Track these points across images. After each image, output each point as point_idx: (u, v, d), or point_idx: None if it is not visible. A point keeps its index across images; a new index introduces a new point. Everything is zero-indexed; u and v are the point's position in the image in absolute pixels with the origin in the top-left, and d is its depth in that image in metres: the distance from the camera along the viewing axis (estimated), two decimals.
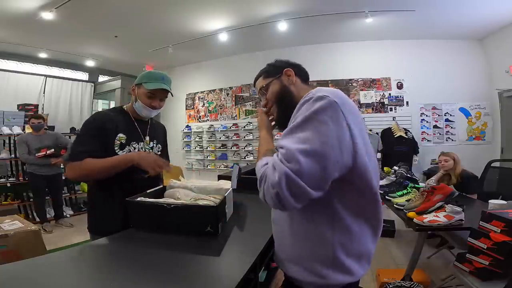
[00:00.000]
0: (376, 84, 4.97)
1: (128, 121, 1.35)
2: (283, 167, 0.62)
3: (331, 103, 0.67)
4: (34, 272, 0.80)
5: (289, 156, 0.63)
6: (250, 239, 1.09)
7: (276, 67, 0.96)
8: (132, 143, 1.32)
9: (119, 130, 1.28)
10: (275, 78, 0.94)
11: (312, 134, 0.65)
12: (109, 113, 1.33)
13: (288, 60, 0.99)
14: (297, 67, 0.96)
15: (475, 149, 4.50)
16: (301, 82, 0.94)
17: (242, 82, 5.74)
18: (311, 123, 0.66)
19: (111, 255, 0.94)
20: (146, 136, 1.40)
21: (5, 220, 1.85)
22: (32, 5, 3.44)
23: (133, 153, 1.29)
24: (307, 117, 0.67)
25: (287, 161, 0.63)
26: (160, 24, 4.19)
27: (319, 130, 0.65)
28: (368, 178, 0.73)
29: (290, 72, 0.92)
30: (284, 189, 0.62)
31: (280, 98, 0.93)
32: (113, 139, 1.26)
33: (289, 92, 0.91)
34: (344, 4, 3.67)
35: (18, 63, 5.16)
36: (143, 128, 1.40)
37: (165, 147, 1.55)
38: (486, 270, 1.39)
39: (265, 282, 1.10)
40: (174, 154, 6.51)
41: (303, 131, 0.66)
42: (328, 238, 0.74)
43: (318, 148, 0.63)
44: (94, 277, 0.77)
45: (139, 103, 1.32)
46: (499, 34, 4.19)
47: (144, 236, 1.10)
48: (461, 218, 1.68)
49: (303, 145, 0.64)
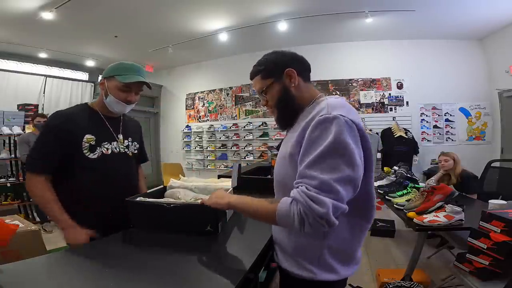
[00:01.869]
0: (376, 84, 4.97)
1: (96, 119, 1.21)
2: (327, 200, 0.65)
3: (348, 123, 0.70)
4: (34, 272, 0.80)
5: (327, 187, 0.66)
6: (250, 239, 1.09)
7: (276, 66, 0.86)
8: (103, 144, 1.19)
9: (86, 131, 1.15)
10: (275, 80, 0.86)
11: (340, 160, 0.67)
12: (72, 112, 1.18)
13: (288, 53, 0.89)
14: (299, 64, 0.88)
15: (475, 149, 4.50)
16: (304, 81, 0.87)
17: (242, 82, 5.74)
18: (335, 149, 0.68)
19: (111, 255, 0.94)
20: (119, 135, 1.27)
21: (5, 220, 1.84)
22: (32, 5, 3.43)
23: (66, 230, 1.12)
24: (331, 143, 0.68)
25: (327, 192, 0.66)
26: (160, 24, 4.18)
27: (345, 154, 0.68)
28: (370, 186, 0.81)
29: (292, 73, 0.84)
30: (333, 217, 0.66)
31: (282, 103, 0.87)
32: (79, 141, 1.13)
33: (291, 95, 0.86)
34: (344, 4, 3.67)
35: (18, 63, 5.15)
36: (115, 126, 1.27)
37: (141, 144, 1.44)
38: (486, 270, 1.38)
39: (265, 282, 1.10)
40: (174, 154, 6.52)
41: (331, 159, 0.68)
42: (319, 240, 0.79)
43: (350, 173, 0.68)
44: (94, 277, 0.77)
45: (111, 98, 1.18)
46: (499, 34, 4.19)
47: (144, 236, 1.10)
48: (461, 218, 1.67)
49: (336, 174, 0.67)
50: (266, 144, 5.44)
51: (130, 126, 1.36)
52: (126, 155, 1.28)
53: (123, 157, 1.26)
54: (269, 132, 5.47)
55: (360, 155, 0.71)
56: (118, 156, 1.24)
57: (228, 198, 0.88)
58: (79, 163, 1.13)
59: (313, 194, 0.66)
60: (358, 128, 0.72)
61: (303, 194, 0.67)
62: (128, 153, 1.29)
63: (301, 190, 0.68)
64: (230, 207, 0.88)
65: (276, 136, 5.35)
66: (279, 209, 0.71)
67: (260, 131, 5.54)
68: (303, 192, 0.67)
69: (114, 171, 1.21)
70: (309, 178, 0.68)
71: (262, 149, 5.44)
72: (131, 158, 1.32)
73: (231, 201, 0.87)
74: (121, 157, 1.25)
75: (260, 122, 5.53)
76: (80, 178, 1.15)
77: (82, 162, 1.13)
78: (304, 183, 0.69)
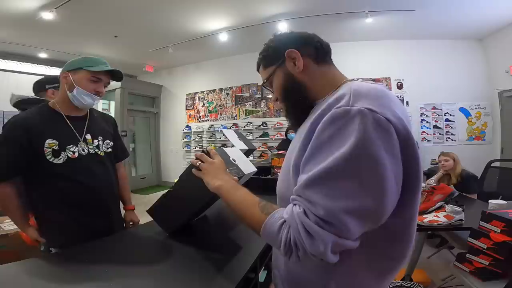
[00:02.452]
0: None
1: (58, 121, 1.12)
2: (327, 236, 0.46)
3: (380, 123, 0.46)
4: (33, 272, 0.80)
5: (331, 218, 0.46)
6: (250, 239, 1.09)
7: (276, 50, 0.69)
8: (68, 147, 1.10)
9: (47, 135, 1.06)
10: (277, 65, 0.69)
11: (358, 182, 0.45)
12: (28, 117, 1.08)
13: (292, 32, 0.72)
14: (304, 43, 0.68)
15: (475, 149, 4.50)
16: (315, 63, 0.67)
17: (242, 82, 5.74)
18: (354, 164, 0.45)
19: (111, 255, 0.94)
20: (86, 135, 1.17)
21: (5, 220, 1.85)
22: (32, 5, 3.44)
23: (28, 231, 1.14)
24: (348, 154, 0.45)
25: (329, 225, 0.46)
26: (160, 24, 4.18)
27: (369, 174, 0.45)
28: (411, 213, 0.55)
29: (295, 55, 0.66)
30: (331, 256, 0.48)
31: (286, 93, 0.69)
32: (40, 148, 1.05)
33: (296, 83, 0.66)
34: (344, 4, 3.67)
35: (18, 63, 5.15)
36: (80, 125, 1.17)
37: (117, 140, 1.34)
38: (486, 270, 1.38)
39: (265, 282, 1.10)
40: (174, 154, 6.52)
41: (345, 179, 0.46)
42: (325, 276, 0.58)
43: (371, 204, 0.46)
44: (95, 277, 0.77)
45: (79, 91, 1.10)
46: (499, 34, 4.19)
47: (144, 237, 1.10)
48: (461, 218, 1.67)
49: (348, 203, 0.45)
50: (266, 144, 5.44)
51: (99, 123, 1.27)
52: (97, 155, 1.20)
53: (93, 158, 1.18)
54: (269, 132, 5.47)
55: (396, 173, 0.47)
56: (87, 158, 1.15)
57: (221, 181, 0.70)
58: (45, 170, 1.07)
59: (311, 224, 0.47)
60: (397, 131, 0.47)
61: (298, 220, 0.49)
62: (100, 153, 1.21)
63: (297, 214, 0.50)
64: (218, 192, 0.70)
65: (276, 136, 5.35)
66: (266, 225, 0.55)
67: (260, 131, 5.54)
68: (298, 217, 0.49)
69: (84, 175, 1.12)
70: (309, 201, 0.49)
71: (262, 149, 5.44)
72: (105, 157, 1.23)
73: (221, 187, 0.69)
74: (91, 158, 1.17)
75: (260, 122, 5.53)
76: (49, 184, 1.09)
77: (48, 168, 1.07)
78: (302, 205, 0.50)
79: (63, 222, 1.11)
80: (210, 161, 0.77)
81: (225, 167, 0.78)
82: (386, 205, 0.47)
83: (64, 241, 1.08)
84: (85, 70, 1.11)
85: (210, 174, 0.74)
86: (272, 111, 5.54)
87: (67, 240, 1.06)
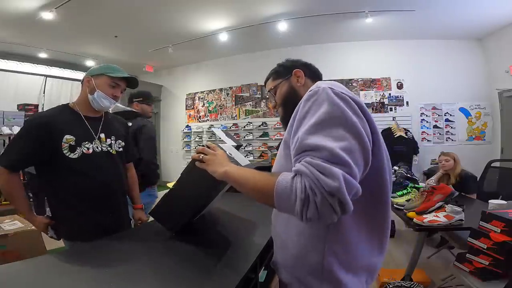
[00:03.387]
0: (376, 84, 4.97)
1: (76, 119, 1.23)
2: (338, 171, 0.52)
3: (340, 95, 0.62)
4: (34, 272, 0.80)
5: (335, 158, 0.53)
6: (250, 239, 1.09)
7: (286, 68, 0.93)
8: (83, 144, 1.20)
9: (65, 131, 1.16)
10: (284, 79, 0.92)
11: (342, 128, 0.57)
12: (51, 114, 1.21)
13: (299, 59, 0.96)
14: (307, 67, 0.94)
15: (475, 149, 4.50)
16: (311, 82, 0.88)
17: (242, 82, 5.74)
18: (333, 117, 0.58)
19: (111, 255, 0.94)
20: (100, 134, 1.27)
21: (5, 220, 1.85)
22: (32, 5, 3.44)
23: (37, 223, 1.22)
24: (327, 111, 0.59)
25: (334, 163, 0.53)
26: (160, 24, 4.19)
27: (347, 123, 0.58)
28: (383, 177, 0.67)
29: (300, 73, 0.90)
30: (347, 195, 0.52)
31: (286, 100, 0.90)
32: (59, 142, 1.14)
33: (296, 93, 0.88)
34: (344, 4, 3.68)
35: (18, 63, 5.14)
36: (95, 125, 1.28)
37: (127, 144, 1.43)
38: (486, 270, 1.38)
39: (265, 282, 1.10)
40: (174, 154, 6.52)
41: (331, 127, 0.57)
42: (320, 244, 0.66)
43: (357, 144, 0.57)
44: (95, 277, 0.77)
45: (99, 94, 1.22)
46: (499, 34, 4.19)
47: (144, 237, 1.10)
48: (461, 218, 1.67)
49: (342, 143, 0.55)
50: (266, 144, 5.45)
51: (113, 124, 1.37)
52: (109, 153, 1.28)
53: (105, 156, 1.27)
54: (269, 132, 5.47)
55: (364, 127, 0.60)
56: (100, 154, 1.24)
57: (227, 167, 0.74)
58: (60, 163, 1.15)
59: (321, 163, 0.53)
60: (353, 100, 0.63)
61: (308, 165, 0.54)
62: (111, 151, 1.29)
63: (305, 161, 0.55)
64: (226, 176, 0.73)
65: (276, 136, 5.35)
66: (278, 182, 0.57)
67: (260, 131, 5.54)
68: (307, 163, 0.54)
69: (96, 170, 1.21)
70: (311, 148, 0.56)
71: (262, 149, 5.44)
72: (116, 156, 1.32)
73: (228, 170, 0.72)
74: (104, 155, 1.26)
75: (260, 122, 5.53)
76: (63, 178, 1.17)
77: (64, 162, 1.15)
78: (307, 155, 0.56)
79: (75, 216, 1.18)
80: (213, 152, 0.81)
81: (227, 157, 0.82)
82: (367, 147, 0.58)
83: (76, 234, 1.17)
84: (106, 76, 1.24)
85: (215, 163, 0.78)
86: (272, 111, 5.54)
87: (78, 233, 1.16)
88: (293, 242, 0.71)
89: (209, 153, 0.81)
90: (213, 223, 1.28)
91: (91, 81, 1.23)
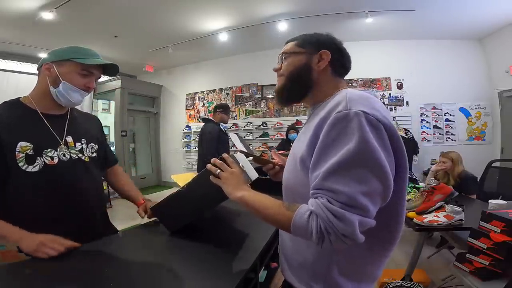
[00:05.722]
0: (376, 84, 4.97)
1: (33, 120, 0.92)
2: (354, 218, 0.55)
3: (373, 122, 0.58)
4: (34, 272, 0.80)
5: (353, 202, 0.55)
6: (250, 239, 1.09)
7: (317, 42, 0.77)
8: (45, 152, 0.90)
9: (18, 138, 0.87)
10: (306, 52, 0.76)
11: (366, 170, 0.56)
12: None
13: (336, 40, 0.79)
14: (340, 54, 0.78)
15: (475, 149, 4.50)
16: (332, 72, 0.76)
17: (242, 82, 5.74)
18: (359, 157, 0.56)
19: (110, 256, 0.94)
20: (66, 137, 0.98)
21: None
22: (32, 5, 3.44)
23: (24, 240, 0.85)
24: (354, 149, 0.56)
25: (353, 208, 0.55)
26: (160, 24, 4.19)
27: (372, 163, 0.56)
28: (400, 197, 0.66)
29: (326, 56, 0.74)
30: (359, 235, 0.56)
31: (294, 74, 0.76)
32: (12, 152, 0.85)
33: (308, 74, 0.75)
34: (344, 4, 3.68)
35: (18, 63, 5.15)
36: (59, 125, 0.98)
37: (103, 143, 1.16)
38: (486, 270, 1.38)
39: (265, 282, 1.10)
40: (174, 154, 6.52)
41: (356, 169, 0.56)
42: (326, 257, 0.68)
43: (379, 186, 0.57)
44: (94, 278, 0.77)
45: (66, 86, 0.93)
46: (498, 34, 4.19)
47: (143, 237, 1.10)
48: (461, 218, 1.67)
49: (363, 187, 0.56)
50: (266, 144, 5.44)
51: (81, 123, 1.07)
52: (81, 161, 1.00)
53: (76, 165, 0.98)
54: (269, 132, 5.47)
55: (389, 161, 0.59)
56: (69, 164, 0.96)
57: (243, 191, 0.74)
58: (15, 180, 0.86)
59: (338, 209, 0.55)
60: (386, 127, 0.59)
61: (324, 208, 0.56)
62: (84, 158, 1.01)
63: (322, 203, 0.57)
64: (241, 201, 0.73)
65: (276, 136, 5.35)
66: (294, 220, 0.60)
67: (260, 131, 5.53)
68: (324, 206, 0.57)
69: (66, 185, 0.94)
70: (330, 191, 0.57)
71: (262, 149, 5.44)
72: (90, 163, 1.04)
73: (244, 196, 0.72)
74: (73, 164, 0.97)
75: (260, 122, 5.53)
76: (22, 199, 0.88)
77: (20, 179, 0.86)
78: (325, 195, 0.58)
79: None
80: (230, 170, 0.80)
81: (243, 177, 0.82)
82: (389, 185, 0.59)
83: None
84: (74, 62, 0.94)
85: (231, 184, 0.78)
86: (272, 111, 5.54)
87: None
88: (301, 246, 0.73)
89: (226, 170, 0.80)
90: (213, 223, 1.28)
91: (52, 69, 0.94)
